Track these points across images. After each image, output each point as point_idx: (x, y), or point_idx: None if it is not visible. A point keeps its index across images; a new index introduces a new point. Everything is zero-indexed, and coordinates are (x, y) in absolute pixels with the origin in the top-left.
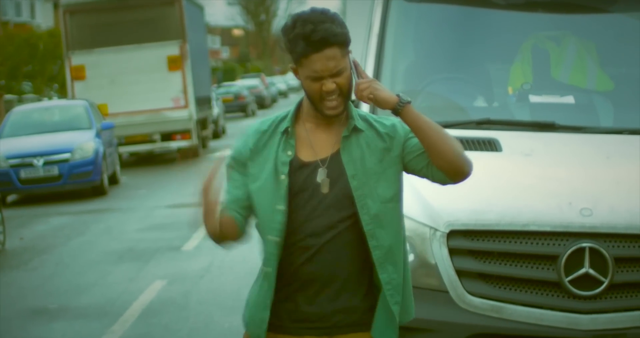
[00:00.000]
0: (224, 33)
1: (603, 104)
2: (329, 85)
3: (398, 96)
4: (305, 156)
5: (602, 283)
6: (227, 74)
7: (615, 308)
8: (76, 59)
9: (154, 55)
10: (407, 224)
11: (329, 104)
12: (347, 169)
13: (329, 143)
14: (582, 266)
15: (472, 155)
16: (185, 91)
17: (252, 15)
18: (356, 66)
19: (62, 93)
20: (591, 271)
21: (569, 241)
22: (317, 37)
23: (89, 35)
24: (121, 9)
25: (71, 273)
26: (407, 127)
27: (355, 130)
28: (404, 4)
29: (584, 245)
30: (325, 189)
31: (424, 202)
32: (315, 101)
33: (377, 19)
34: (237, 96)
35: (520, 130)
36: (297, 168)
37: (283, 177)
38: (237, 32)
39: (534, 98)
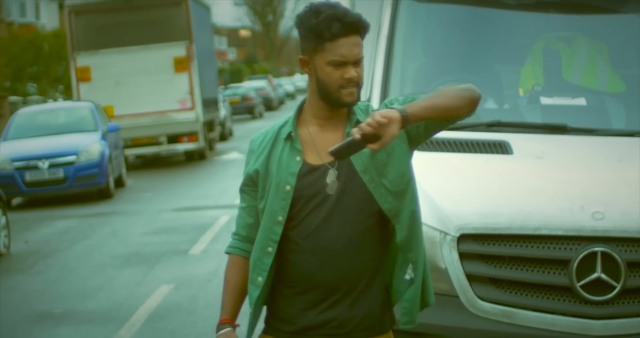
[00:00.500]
0: (231, 34)
1: (615, 106)
2: (352, 72)
3: (394, 108)
4: (313, 159)
5: (614, 288)
6: (234, 75)
7: (627, 313)
8: (81, 60)
9: (160, 56)
10: None
11: (349, 91)
12: (356, 165)
13: (333, 144)
14: (594, 270)
15: (482, 158)
16: (191, 93)
17: (259, 15)
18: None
19: (68, 95)
20: (603, 276)
21: (581, 246)
22: (350, 19)
23: (95, 36)
24: (127, 9)
25: (76, 277)
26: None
27: (359, 124)
28: (413, 4)
29: (596, 249)
30: (332, 191)
31: (434, 205)
32: (333, 89)
33: (386, 20)
34: (244, 98)
35: (531, 132)
36: (307, 173)
37: (288, 188)
38: (244, 33)
39: (545, 100)
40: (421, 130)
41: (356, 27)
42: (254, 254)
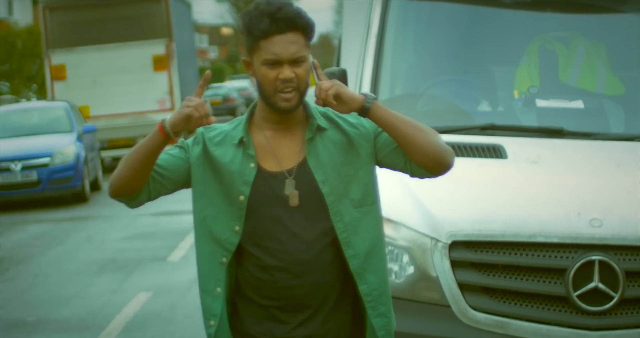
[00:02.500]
0: (212, 32)
1: (613, 109)
2: (287, 73)
3: (363, 93)
4: (270, 165)
5: (612, 298)
6: (215, 74)
7: (626, 324)
8: (56, 58)
9: (139, 54)
10: (407, 234)
11: (284, 95)
12: (316, 175)
13: (293, 150)
14: (591, 280)
15: (475, 162)
16: (171, 93)
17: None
18: (316, 68)
19: (42, 94)
20: (601, 285)
21: (578, 254)
22: (283, 15)
23: (70, 33)
24: (104, 5)
25: (50, 284)
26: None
27: (319, 129)
28: (404, 2)
29: (594, 257)
30: (294, 202)
31: (425, 211)
32: (269, 92)
33: (376, 18)
34: (226, 98)
35: (526, 136)
36: (263, 180)
37: (242, 198)
38: (226, 30)
39: (540, 102)
40: (386, 152)
41: (292, 23)
42: (203, 261)
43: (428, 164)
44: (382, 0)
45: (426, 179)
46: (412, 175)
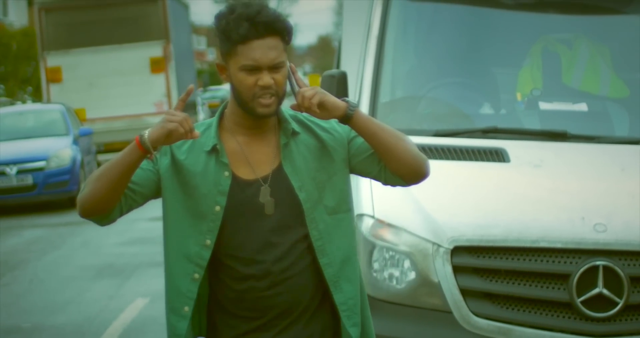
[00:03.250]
0: (211, 33)
1: (618, 112)
2: (266, 79)
3: (345, 100)
4: (245, 173)
5: (616, 304)
6: (213, 77)
7: (630, 331)
8: (52, 60)
9: (136, 56)
10: (408, 239)
11: (263, 101)
12: (292, 181)
13: (268, 156)
14: (595, 285)
15: (477, 166)
16: (168, 95)
17: None
18: (293, 72)
19: (37, 97)
20: (605, 291)
21: (582, 259)
22: (262, 19)
23: (66, 35)
24: (101, 6)
25: (46, 289)
26: (345, 126)
27: (294, 134)
28: (405, 2)
29: (598, 263)
30: (270, 210)
31: (426, 216)
32: (247, 98)
33: (376, 19)
34: (224, 101)
35: (529, 139)
36: (237, 189)
37: (218, 209)
38: None
39: (544, 105)
40: (361, 158)
41: (272, 27)
42: (171, 279)
43: (404, 173)
44: (383, 1)
45: (427, 185)
46: (385, 183)
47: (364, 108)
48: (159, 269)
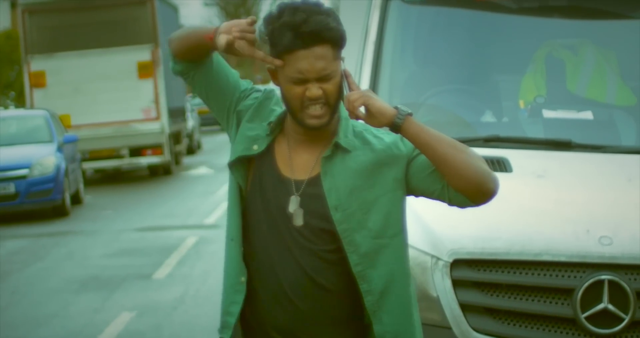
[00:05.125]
0: None
1: (624, 121)
2: (314, 90)
3: (396, 107)
4: (285, 170)
5: (622, 320)
6: None
7: None
8: (36, 64)
9: (123, 60)
10: None
11: (312, 112)
12: (328, 198)
13: (307, 163)
14: (600, 301)
15: None
16: (157, 101)
17: (232, 17)
18: (347, 76)
19: (20, 102)
20: (610, 306)
21: (586, 273)
22: (308, 28)
23: (50, 38)
24: (87, 8)
25: (29, 303)
26: (410, 144)
27: (340, 149)
28: (404, 6)
29: (603, 277)
30: (298, 222)
31: (425, 227)
32: (295, 109)
33: (374, 24)
34: None
35: (532, 149)
36: (273, 180)
37: (256, 147)
38: None
39: (547, 113)
40: (422, 176)
41: (318, 37)
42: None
43: (468, 190)
44: (381, 4)
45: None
46: (451, 203)
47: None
48: (146, 282)
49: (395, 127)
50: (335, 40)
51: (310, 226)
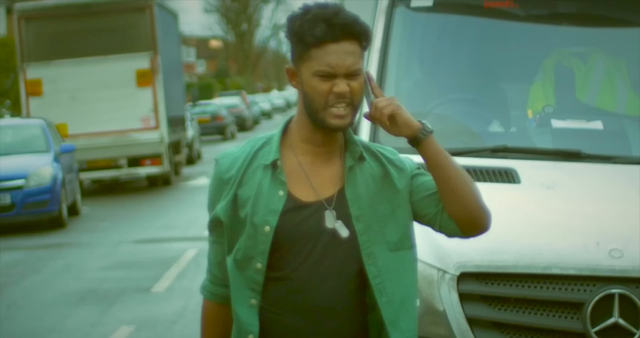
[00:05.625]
0: (200, 44)
1: (635, 131)
2: (342, 86)
3: (421, 122)
4: (303, 194)
5: (633, 334)
6: (203, 91)
7: None
8: (32, 72)
9: (121, 68)
10: None
11: (336, 111)
12: (351, 208)
13: (332, 178)
14: (610, 315)
15: (486, 187)
16: (156, 110)
17: (233, 24)
18: (370, 80)
19: (16, 111)
20: (621, 321)
21: (597, 287)
22: (340, 20)
23: (47, 45)
24: (84, 15)
25: (25, 316)
26: (410, 161)
27: (360, 159)
28: (410, 13)
29: (613, 291)
30: (345, 233)
31: (431, 240)
32: (319, 107)
33: (379, 31)
34: (215, 117)
35: (541, 159)
36: (292, 210)
37: (268, 229)
38: (215, 43)
39: (556, 123)
40: (420, 196)
41: (349, 31)
42: (233, 306)
43: (465, 220)
44: (386, 11)
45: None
46: (439, 229)
47: (366, 126)
48: (144, 295)
49: (416, 141)
50: (364, 36)
51: (340, 241)
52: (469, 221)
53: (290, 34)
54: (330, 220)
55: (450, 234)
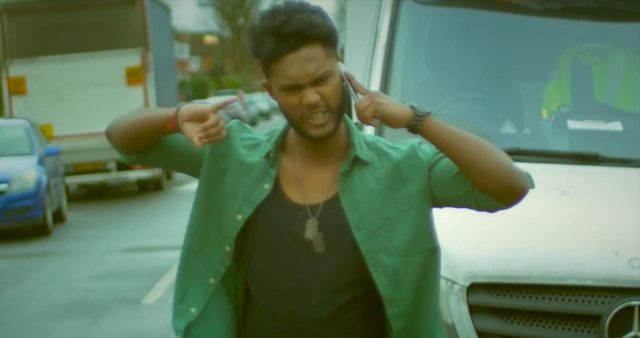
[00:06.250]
0: (194, 40)
1: None
2: (311, 96)
3: (412, 107)
4: (295, 196)
5: None
6: (197, 89)
7: None
8: (15, 69)
9: (110, 66)
10: None
11: (315, 122)
12: (349, 217)
13: (323, 183)
14: (630, 328)
15: None
16: None
17: (229, 19)
18: (350, 79)
19: None
20: None
21: (615, 298)
22: (289, 29)
23: (32, 41)
24: (71, 9)
25: (7, 329)
26: (430, 149)
27: (359, 162)
28: (417, 7)
29: (633, 303)
30: (320, 248)
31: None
32: (296, 121)
33: (384, 26)
34: None
35: (556, 163)
36: (278, 208)
37: (239, 218)
38: (210, 39)
39: (573, 124)
40: (444, 181)
41: (304, 36)
42: (182, 279)
43: (497, 190)
44: (392, 4)
45: (442, 213)
46: (479, 208)
47: (371, 126)
48: (134, 307)
49: (413, 129)
50: (323, 36)
51: (331, 252)
52: (503, 190)
53: (250, 51)
54: (311, 230)
55: (492, 208)
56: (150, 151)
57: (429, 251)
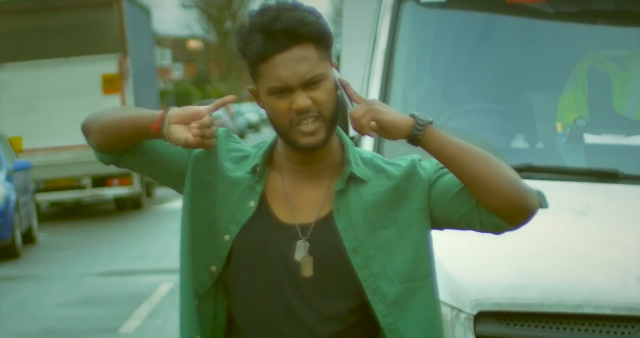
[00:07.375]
0: (177, 45)
1: None
2: (302, 100)
3: (413, 115)
4: (284, 215)
5: None
6: (180, 99)
7: None
8: None
9: (85, 73)
10: None
11: (304, 128)
12: (345, 240)
13: (314, 202)
14: None
15: None
16: None
17: (214, 22)
18: (345, 87)
19: None
20: None
21: (635, 328)
22: (279, 26)
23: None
24: (42, 11)
25: None
26: (430, 165)
27: (355, 180)
28: (420, 9)
29: None
30: (307, 272)
31: (445, 273)
32: (285, 129)
33: (384, 30)
34: None
35: (572, 180)
36: (265, 228)
37: (227, 238)
38: (194, 44)
39: (590, 138)
40: (446, 199)
41: (295, 34)
42: (180, 295)
43: (504, 209)
44: (393, 6)
45: (448, 236)
46: (482, 228)
47: (369, 139)
48: (110, 336)
49: (414, 140)
50: (317, 36)
51: (323, 277)
52: (511, 209)
53: (237, 52)
54: (300, 252)
55: (497, 230)
56: (127, 153)
57: (427, 275)
